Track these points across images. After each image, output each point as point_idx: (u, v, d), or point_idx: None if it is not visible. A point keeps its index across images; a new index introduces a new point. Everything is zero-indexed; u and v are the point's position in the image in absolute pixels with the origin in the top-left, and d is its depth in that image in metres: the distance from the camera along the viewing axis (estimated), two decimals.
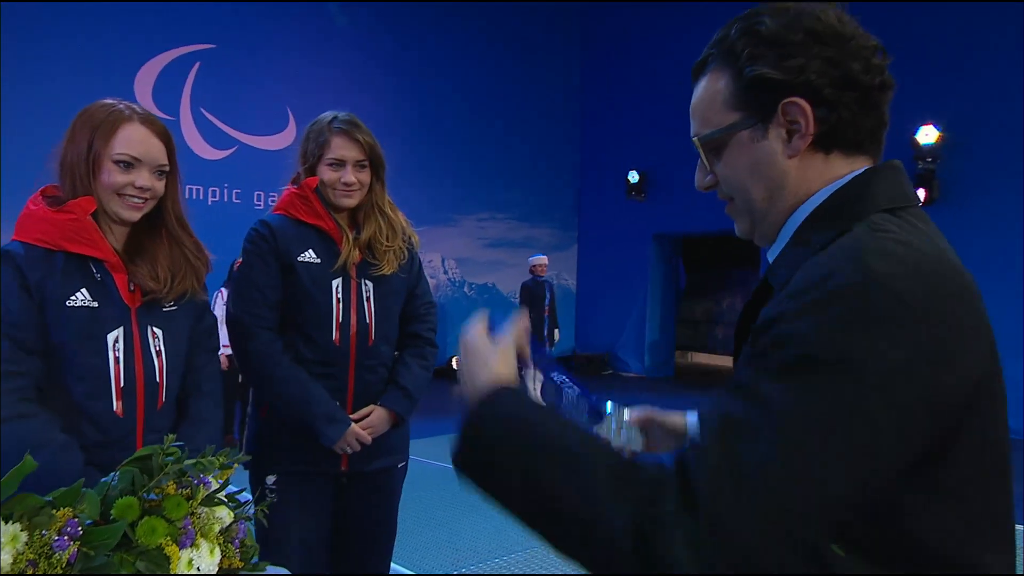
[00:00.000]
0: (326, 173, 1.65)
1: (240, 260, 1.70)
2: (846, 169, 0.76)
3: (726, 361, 11.27)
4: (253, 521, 0.99)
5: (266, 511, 1.03)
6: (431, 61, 9.06)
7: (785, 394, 0.60)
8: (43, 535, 0.72)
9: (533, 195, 10.07)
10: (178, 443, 0.94)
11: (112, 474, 0.89)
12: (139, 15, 7.11)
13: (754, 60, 0.75)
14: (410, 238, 1.77)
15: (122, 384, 1.29)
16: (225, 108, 7.78)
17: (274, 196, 7.92)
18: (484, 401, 0.71)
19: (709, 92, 0.82)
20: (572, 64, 10.57)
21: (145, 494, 0.84)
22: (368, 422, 1.67)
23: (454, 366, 9.16)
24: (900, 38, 6.93)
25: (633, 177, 9.43)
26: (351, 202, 1.67)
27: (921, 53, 6.83)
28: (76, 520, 0.75)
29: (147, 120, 1.33)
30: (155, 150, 1.31)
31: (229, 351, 1.93)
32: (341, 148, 1.64)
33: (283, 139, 8.06)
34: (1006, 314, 5.98)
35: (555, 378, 0.93)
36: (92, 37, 6.86)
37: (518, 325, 0.85)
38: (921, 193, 6.67)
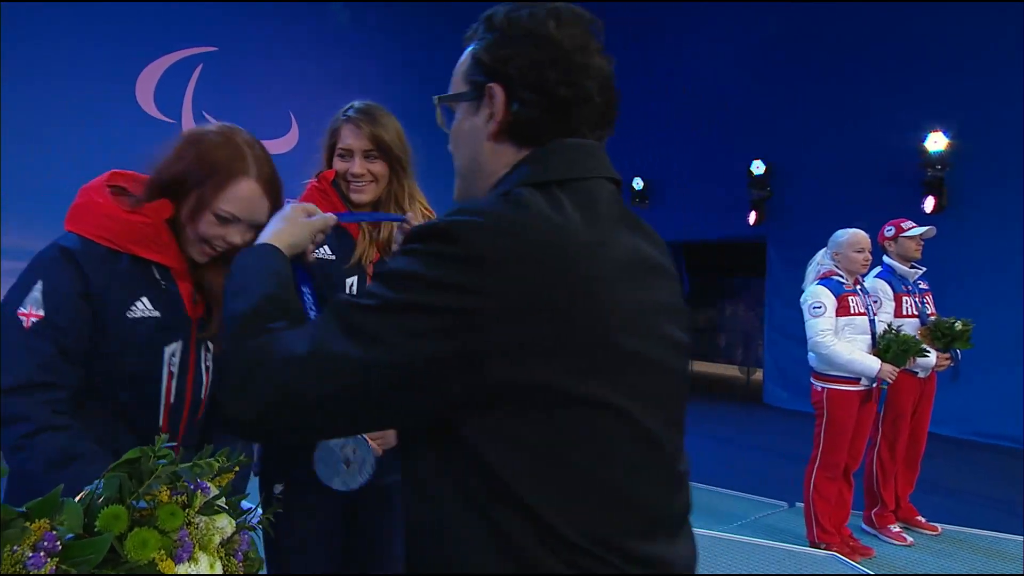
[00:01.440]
0: (337, 164, 1.60)
1: None
2: None
3: (730, 370, 11.15)
4: (259, 532, 0.90)
5: (272, 519, 0.94)
6: (436, 66, 8.94)
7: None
8: (14, 551, 0.63)
9: None
10: (219, 447, 0.86)
11: (96, 481, 0.80)
12: (141, 17, 7.05)
13: (480, 42, 0.85)
14: None
15: (172, 400, 1.20)
16: (227, 111, 7.69)
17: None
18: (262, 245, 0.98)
19: (461, 61, 0.90)
20: None
21: (134, 502, 0.75)
22: (381, 433, 1.58)
23: None
24: (907, 44, 6.89)
25: (637, 184, 9.36)
26: (364, 197, 1.59)
27: (928, 59, 6.78)
28: (54, 534, 0.66)
29: (263, 177, 1.20)
30: (259, 211, 1.20)
31: None
32: (348, 137, 1.58)
33: (286, 142, 7.98)
34: (1015, 321, 5.90)
35: (302, 289, 1.13)
36: (93, 39, 6.80)
37: (327, 221, 1.09)
38: (930, 201, 6.60)
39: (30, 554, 0.63)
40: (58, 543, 0.65)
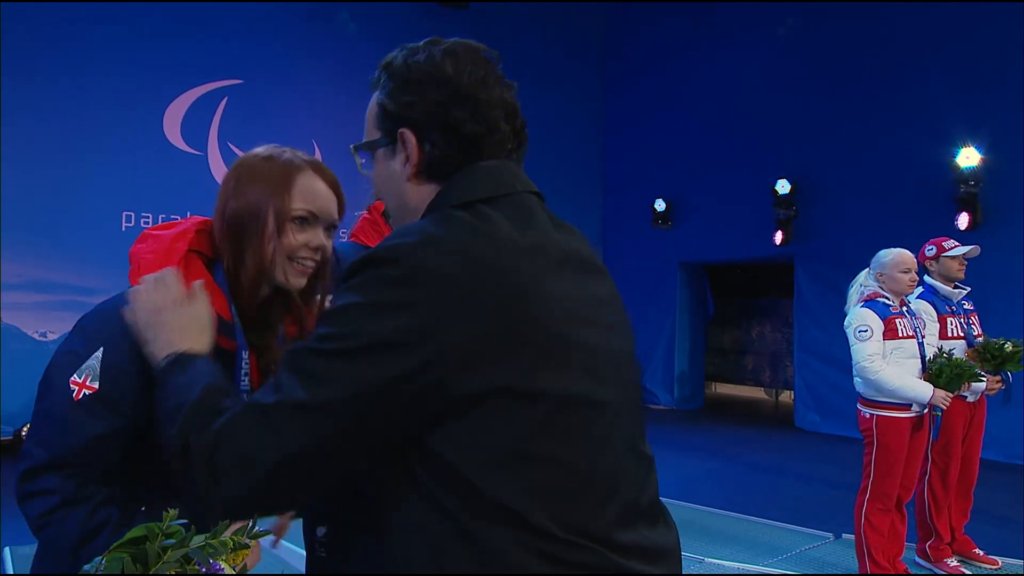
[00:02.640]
0: None
1: None
2: None
3: (756, 392, 10.94)
4: None
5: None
6: None
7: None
8: None
9: None
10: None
11: (97, 559, 0.72)
12: (168, 52, 7.18)
13: (384, 89, 0.90)
14: None
15: None
16: (252, 141, 7.66)
17: None
18: (176, 358, 0.90)
19: (370, 108, 0.93)
20: (595, 92, 10.54)
21: None
22: None
23: None
24: (936, 58, 6.79)
25: (660, 205, 9.29)
26: None
27: (958, 73, 6.68)
28: None
29: (319, 171, 1.15)
30: (330, 205, 1.14)
31: None
32: None
33: None
34: None
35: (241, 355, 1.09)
36: (122, 74, 6.93)
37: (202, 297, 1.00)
38: (964, 218, 6.45)
39: None
40: None
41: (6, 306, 6.30)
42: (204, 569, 0.72)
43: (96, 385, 0.98)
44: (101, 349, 1.00)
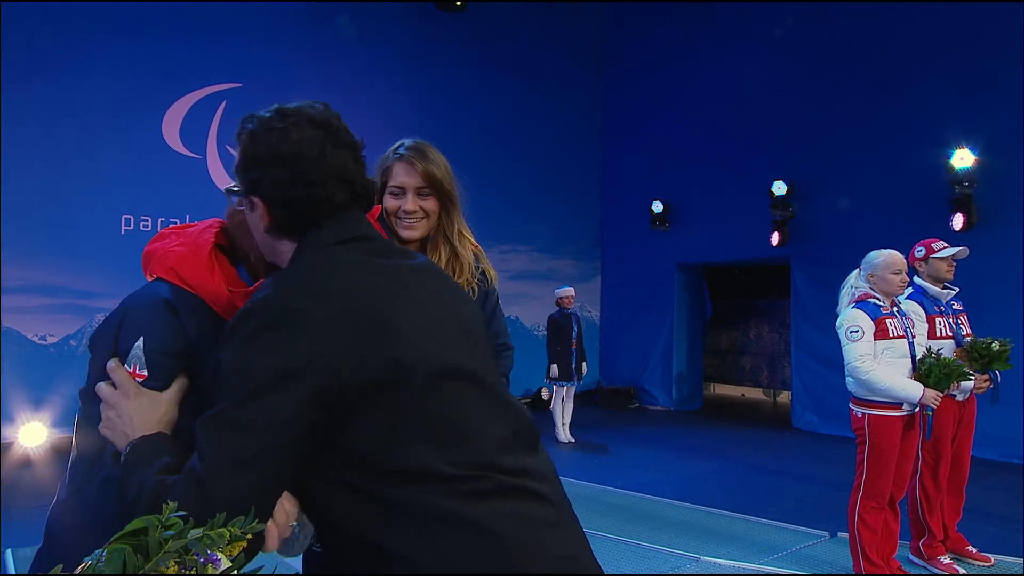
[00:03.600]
0: (388, 201, 1.61)
1: None
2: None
3: (754, 392, 10.96)
4: None
5: None
6: (454, 96, 9.10)
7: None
8: None
9: (555, 227, 9.98)
10: None
11: (98, 551, 0.75)
12: (168, 55, 7.22)
13: (238, 156, 1.03)
14: (484, 273, 1.67)
15: None
16: None
17: None
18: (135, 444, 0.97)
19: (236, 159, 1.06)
20: (593, 94, 10.58)
21: None
22: None
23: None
24: (930, 59, 6.83)
25: (657, 207, 9.33)
26: (414, 234, 1.60)
27: (953, 74, 6.72)
28: None
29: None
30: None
31: None
32: (401, 175, 1.60)
33: None
34: None
35: None
36: (121, 78, 6.97)
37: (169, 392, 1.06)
38: (959, 219, 6.49)
39: None
40: None
41: (6, 310, 6.33)
42: (202, 560, 0.75)
43: (145, 372, 1.04)
44: (141, 338, 1.05)
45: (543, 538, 0.92)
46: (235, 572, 0.76)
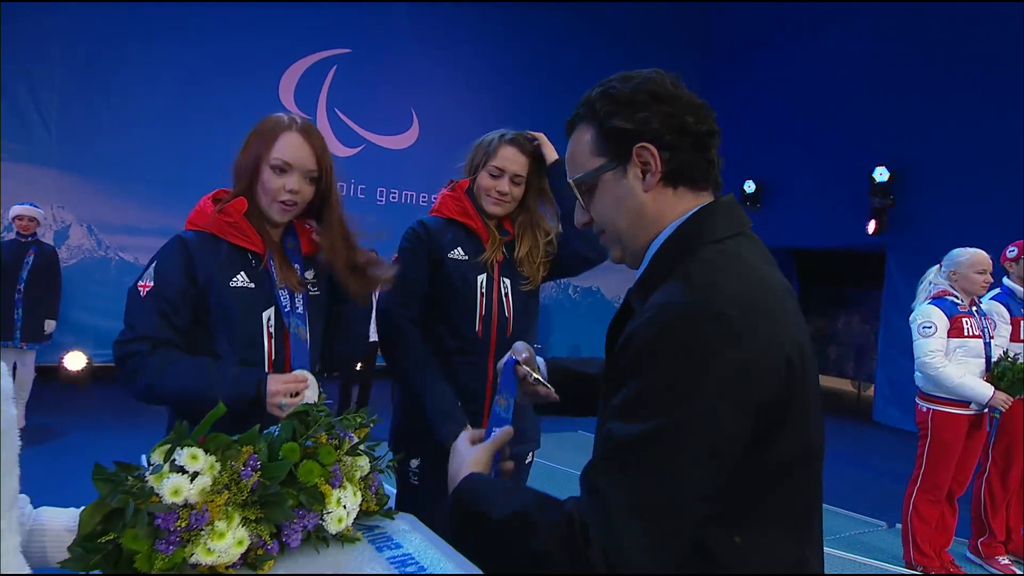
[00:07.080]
0: (484, 179, 1.78)
1: (396, 255, 1.83)
2: (691, 202, 0.93)
3: (842, 384, 10.66)
4: (388, 474, 1.14)
5: (394, 467, 1.19)
6: (551, 69, 9.20)
7: (637, 433, 0.76)
8: (233, 465, 0.89)
9: None
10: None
11: (273, 427, 1.06)
12: (285, 21, 7.74)
13: (610, 116, 0.93)
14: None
15: (273, 356, 1.46)
16: (356, 109, 8.30)
17: (395, 192, 8.37)
18: (458, 487, 0.96)
19: (578, 143, 0.98)
20: (692, 73, 10.39)
21: (303, 442, 1.00)
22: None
23: None
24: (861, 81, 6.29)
25: (749, 187, 9.15)
26: (499, 210, 1.79)
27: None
28: (256, 456, 0.92)
29: (302, 130, 1.48)
30: (305, 157, 1.47)
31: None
32: (506, 159, 1.77)
33: (406, 139, 8.48)
34: None
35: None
36: (242, 41, 7.55)
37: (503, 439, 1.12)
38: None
39: (242, 468, 0.89)
40: (259, 462, 0.91)
41: (134, 248, 7.14)
42: (342, 434, 1.06)
43: (151, 283, 1.42)
44: (156, 261, 1.45)
45: None
46: (361, 445, 1.09)
